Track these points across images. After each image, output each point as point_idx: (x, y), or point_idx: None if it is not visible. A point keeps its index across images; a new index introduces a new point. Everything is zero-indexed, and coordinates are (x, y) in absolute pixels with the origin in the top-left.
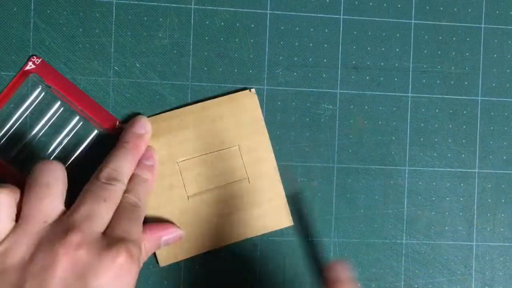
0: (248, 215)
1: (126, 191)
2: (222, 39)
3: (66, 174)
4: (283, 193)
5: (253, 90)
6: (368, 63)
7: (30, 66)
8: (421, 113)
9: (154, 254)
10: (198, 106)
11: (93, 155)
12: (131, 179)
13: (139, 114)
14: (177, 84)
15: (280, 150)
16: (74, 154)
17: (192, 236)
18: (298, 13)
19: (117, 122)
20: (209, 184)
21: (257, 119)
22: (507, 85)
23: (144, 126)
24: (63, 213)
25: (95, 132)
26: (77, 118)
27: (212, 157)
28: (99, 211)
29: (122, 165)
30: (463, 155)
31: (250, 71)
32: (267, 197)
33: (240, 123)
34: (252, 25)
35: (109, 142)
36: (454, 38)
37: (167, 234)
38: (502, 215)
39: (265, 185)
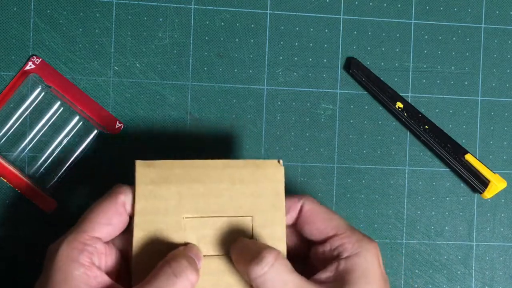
0: None
1: None
2: (222, 39)
3: None
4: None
5: (281, 161)
6: (368, 63)
7: (30, 66)
8: (421, 113)
9: None
10: (220, 162)
11: (93, 155)
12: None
13: (139, 114)
14: (177, 84)
15: (280, 150)
16: (74, 154)
17: None
18: (298, 13)
19: (117, 122)
20: (212, 250)
21: (278, 193)
22: (507, 85)
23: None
24: None
25: (95, 132)
26: (77, 118)
27: (222, 222)
28: None
29: None
30: None
31: (250, 71)
32: None
33: (260, 193)
34: (252, 25)
35: (109, 142)
36: (454, 38)
37: None
38: (502, 215)
39: None
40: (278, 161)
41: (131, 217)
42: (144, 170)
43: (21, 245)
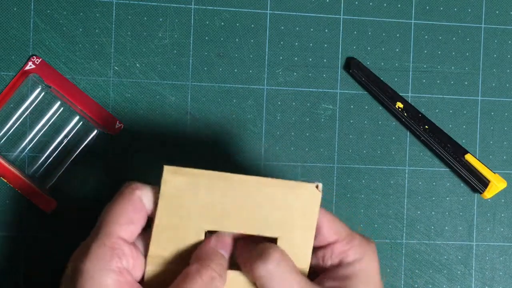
0: None
1: None
2: (222, 39)
3: None
4: None
5: (320, 186)
6: (368, 63)
7: (30, 66)
8: (421, 113)
9: None
10: (253, 179)
11: (93, 155)
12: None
13: (139, 114)
14: (177, 84)
15: (280, 150)
16: (74, 154)
17: None
18: (298, 13)
19: (117, 122)
20: (229, 266)
21: (310, 219)
22: (507, 85)
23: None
24: None
25: (95, 132)
26: (77, 118)
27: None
28: None
29: None
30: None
31: (250, 71)
32: None
33: (291, 216)
34: (252, 25)
35: (109, 142)
36: (454, 38)
37: None
38: (502, 215)
39: None
40: (317, 186)
41: (150, 217)
42: (171, 177)
43: (21, 245)
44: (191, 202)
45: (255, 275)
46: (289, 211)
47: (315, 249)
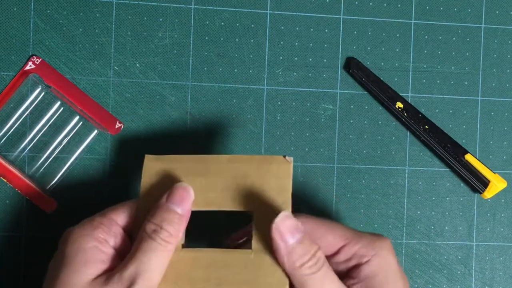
0: None
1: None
2: (222, 39)
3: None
4: (286, 281)
5: (290, 158)
6: (368, 63)
7: (30, 66)
8: (421, 113)
9: None
10: (225, 157)
11: (93, 155)
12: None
13: (139, 114)
14: (177, 84)
15: (280, 150)
16: (74, 154)
17: None
18: (298, 13)
19: (117, 122)
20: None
21: (284, 189)
22: (507, 85)
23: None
24: None
25: (95, 132)
26: (77, 118)
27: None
28: None
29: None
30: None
31: (250, 71)
32: (266, 280)
33: (264, 188)
34: (252, 25)
35: (109, 142)
36: (454, 38)
37: None
38: (502, 215)
39: (268, 266)
40: (284, 157)
41: None
42: (151, 162)
43: (21, 245)
44: (170, 184)
45: (300, 272)
46: (262, 185)
47: (330, 258)
